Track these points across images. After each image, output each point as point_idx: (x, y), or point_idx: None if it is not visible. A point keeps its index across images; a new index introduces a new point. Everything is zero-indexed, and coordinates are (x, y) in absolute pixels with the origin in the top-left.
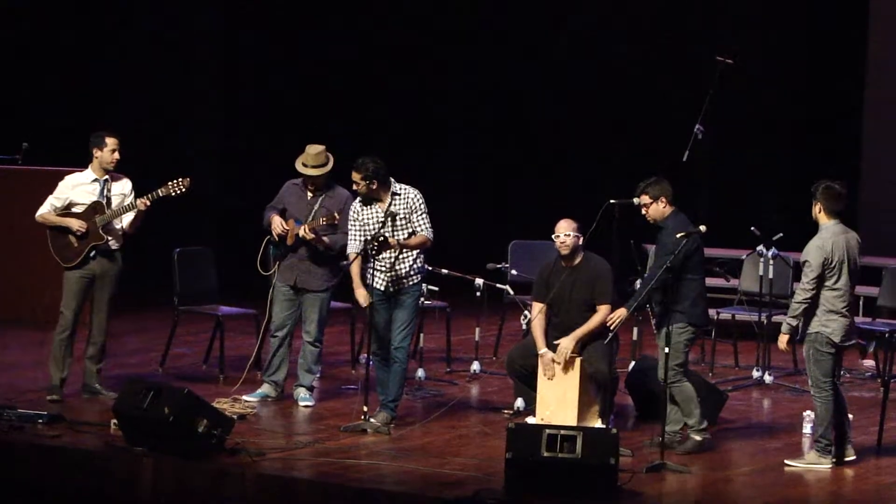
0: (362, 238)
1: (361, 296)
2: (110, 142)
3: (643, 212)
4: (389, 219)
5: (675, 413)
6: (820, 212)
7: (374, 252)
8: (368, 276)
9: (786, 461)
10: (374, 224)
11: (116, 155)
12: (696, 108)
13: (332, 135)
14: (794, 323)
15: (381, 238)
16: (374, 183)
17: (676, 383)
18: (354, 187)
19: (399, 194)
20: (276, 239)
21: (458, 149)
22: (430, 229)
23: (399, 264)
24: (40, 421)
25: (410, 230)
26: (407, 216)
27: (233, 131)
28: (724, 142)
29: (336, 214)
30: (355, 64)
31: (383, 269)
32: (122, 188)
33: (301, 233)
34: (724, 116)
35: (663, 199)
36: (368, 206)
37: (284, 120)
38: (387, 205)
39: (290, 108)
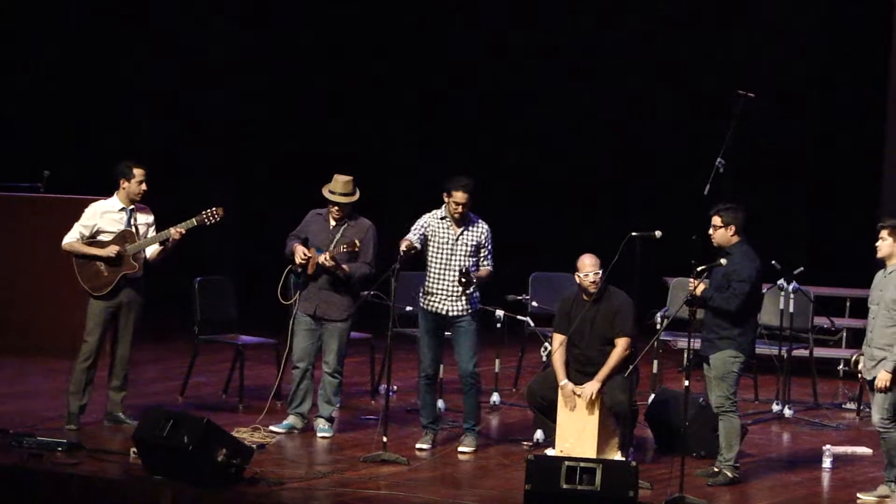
0: (420, 236)
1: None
2: (138, 173)
3: (710, 231)
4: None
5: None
6: None
7: (464, 286)
8: (429, 299)
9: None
10: (441, 236)
11: (144, 186)
12: (718, 141)
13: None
14: None
15: (468, 273)
16: (471, 202)
17: (729, 413)
18: (455, 209)
19: (476, 224)
20: (298, 268)
21: (478, 181)
22: (492, 263)
23: (464, 294)
24: (59, 449)
25: (478, 260)
26: (476, 246)
27: (253, 159)
28: (744, 175)
29: (357, 242)
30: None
31: (450, 293)
32: (146, 219)
33: (321, 260)
34: (746, 149)
35: (733, 227)
36: (442, 222)
37: (305, 147)
38: (460, 231)
39: (308, 134)
